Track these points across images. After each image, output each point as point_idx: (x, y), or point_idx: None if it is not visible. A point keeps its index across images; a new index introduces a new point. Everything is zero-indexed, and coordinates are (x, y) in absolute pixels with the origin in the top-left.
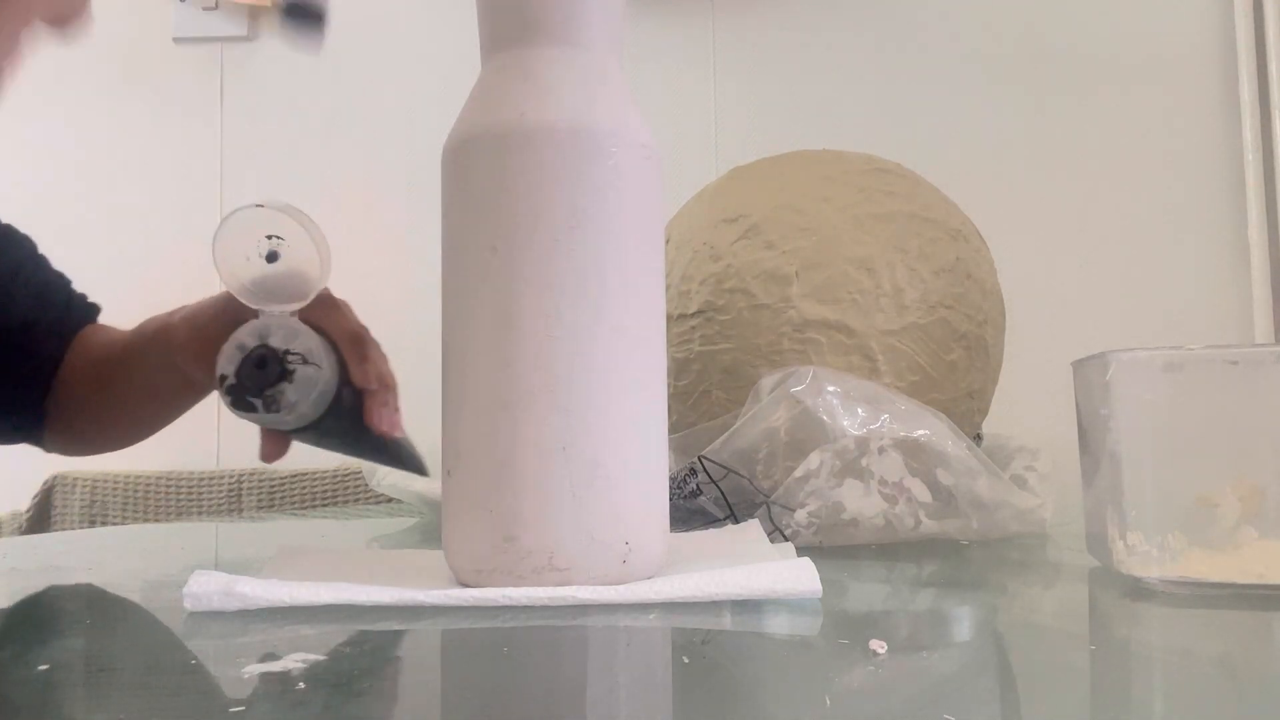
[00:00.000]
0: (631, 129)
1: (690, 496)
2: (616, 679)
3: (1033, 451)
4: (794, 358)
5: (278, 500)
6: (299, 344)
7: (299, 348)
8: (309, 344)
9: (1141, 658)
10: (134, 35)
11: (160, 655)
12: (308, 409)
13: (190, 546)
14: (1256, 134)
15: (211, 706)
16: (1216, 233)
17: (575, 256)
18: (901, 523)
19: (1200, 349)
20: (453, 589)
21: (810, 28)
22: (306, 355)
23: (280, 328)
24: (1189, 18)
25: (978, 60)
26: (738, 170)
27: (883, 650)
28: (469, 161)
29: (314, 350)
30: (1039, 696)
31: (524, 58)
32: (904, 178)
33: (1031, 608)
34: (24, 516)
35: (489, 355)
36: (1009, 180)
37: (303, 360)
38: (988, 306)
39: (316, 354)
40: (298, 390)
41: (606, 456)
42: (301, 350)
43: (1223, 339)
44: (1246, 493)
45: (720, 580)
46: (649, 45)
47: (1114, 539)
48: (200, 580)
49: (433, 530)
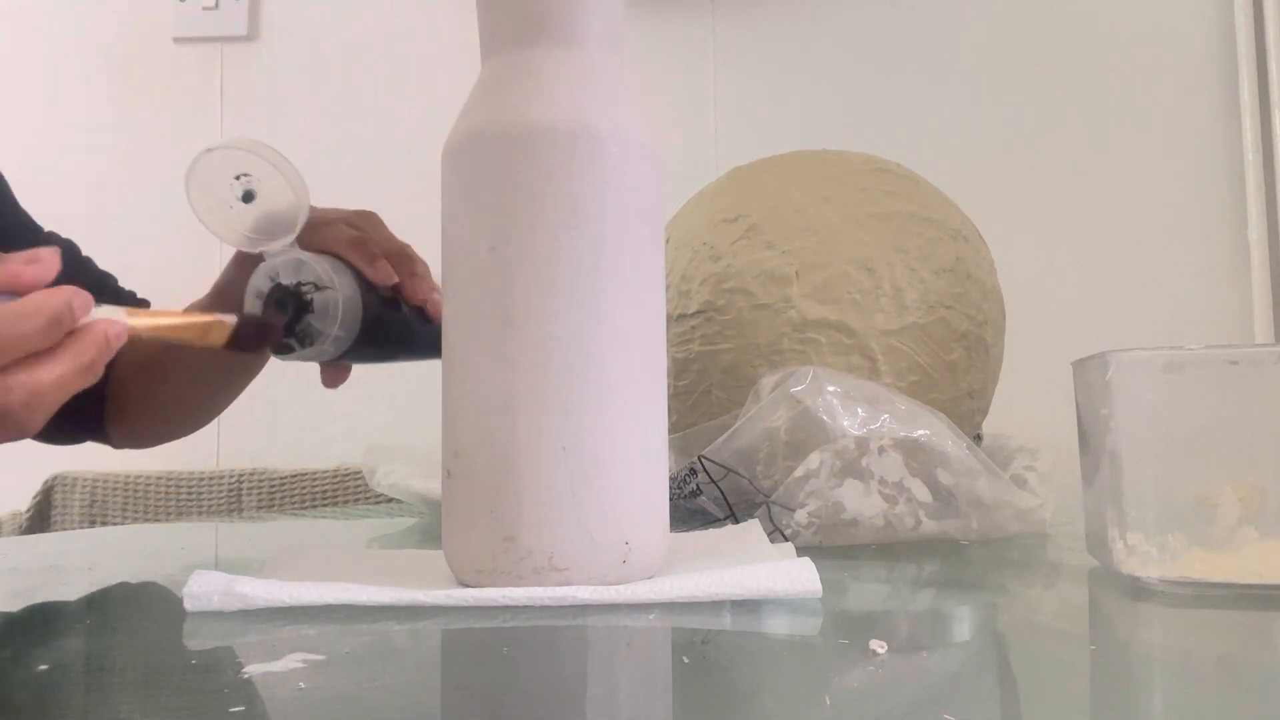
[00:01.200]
0: (631, 129)
1: (690, 496)
2: (616, 679)
3: (1033, 451)
4: (794, 358)
5: (278, 500)
6: (306, 273)
7: (307, 276)
8: (316, 270)
9: (1141, 658)
10: (134, 35)
11: (160, 655)
12: (342, 331)
13: (190, 546)
14: (1256, 134)
15: (211, 706)
16: (1216, 233)
17: (575, 256)
18: (901, 523)
19: (1200, 349)
20: (453, 589)
21: (810, 27)
22: (317, 281)
23: (285, 263)
24: (1189, 18)
25: (978, 60)
26: (738, 170)
27: (883, 650)
28: (469, 161)
29: (322, 275)
30: (1039, 696)
31: (524, 58)
32: (904, 178)
33: (1031, 608)
34: (24, 516)
35: (489, 355)
36: (1009, 180)
37: (315, 287)
38: (988, 306)
39: (326, 276)
40: (321, 318)
41: (606, 456)
42: (311, 279)
43: (1223, 339)
44: (1246, 493)
45: (720, 580)
46: (649, 45)
47: (1114, 539)
48: (200, 580)
49: (433, 530)
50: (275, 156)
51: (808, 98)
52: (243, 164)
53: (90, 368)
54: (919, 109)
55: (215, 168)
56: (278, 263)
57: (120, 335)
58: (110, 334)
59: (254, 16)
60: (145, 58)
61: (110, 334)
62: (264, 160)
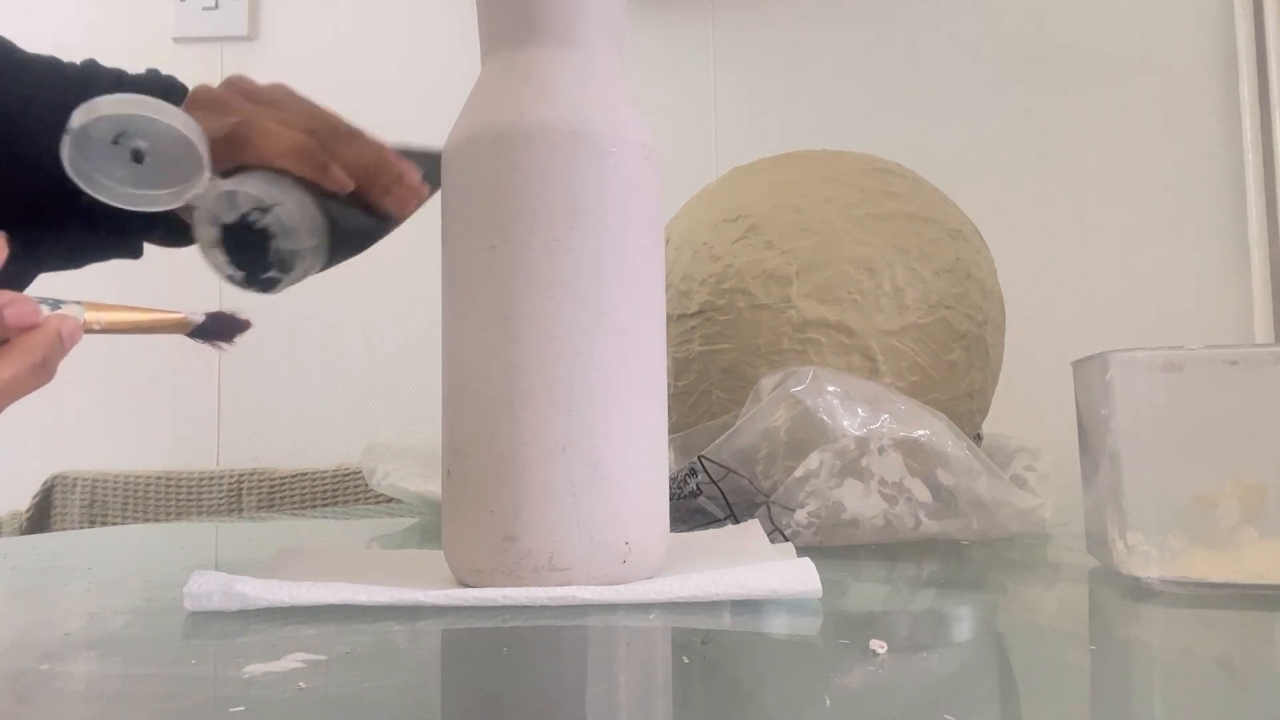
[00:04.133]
0: (631, 129)
1: (690, 496)
2: (616, 679)
3: (1033, 451)
4: (794, 358)
5: (278, 500)
6: (242, 201)
7: (245, 205)
8: (250, 192)
9: (1141, 658)
10: (134, 35)
11: (160, 655)
12: (313, 239)
13: (190, 546)
14: (1256, 134)
15: (211, 706)
16: (1216, 233)
17: (575, 256)
18: (901, 523)
19: (1200, 349)
20: (453, 589)
21: (810, 27)
22: (259, 204)
23: (217, 200)
24: (1189, 18)
25: (978, 60)
26: (738, 170)
27: (883, 650)
28: (469, 161)
29: (262, 196)
30: (1039, 696)
31: (524, 58)
32: (904, 178)
33: (1031, 608)
34: (24, 516)
35: (489, 355)
36: (1009, 180)
37: (260, 211)
38: (988, 306)
39: (267, 195)
40: (285, 236)
41: (606, 456)
42: (253, 205)
43: (1223, 339)
44: (1246, 493)
45: (720, 580)
46: (649, 45)
47: (1114, 539)
48: (200, 580)
49: (433, 530)
50: (129, 102)
51: (808, 98)
52: (110, 128)
53: (43, 366)
54: (919, 109)
55: (89, 147)
56: (210, 205)
57: (75, 333)
58: (65, 332)
59: (254, 16)
60: (145, 58)
61: (65, 332)
62: (125, 111)
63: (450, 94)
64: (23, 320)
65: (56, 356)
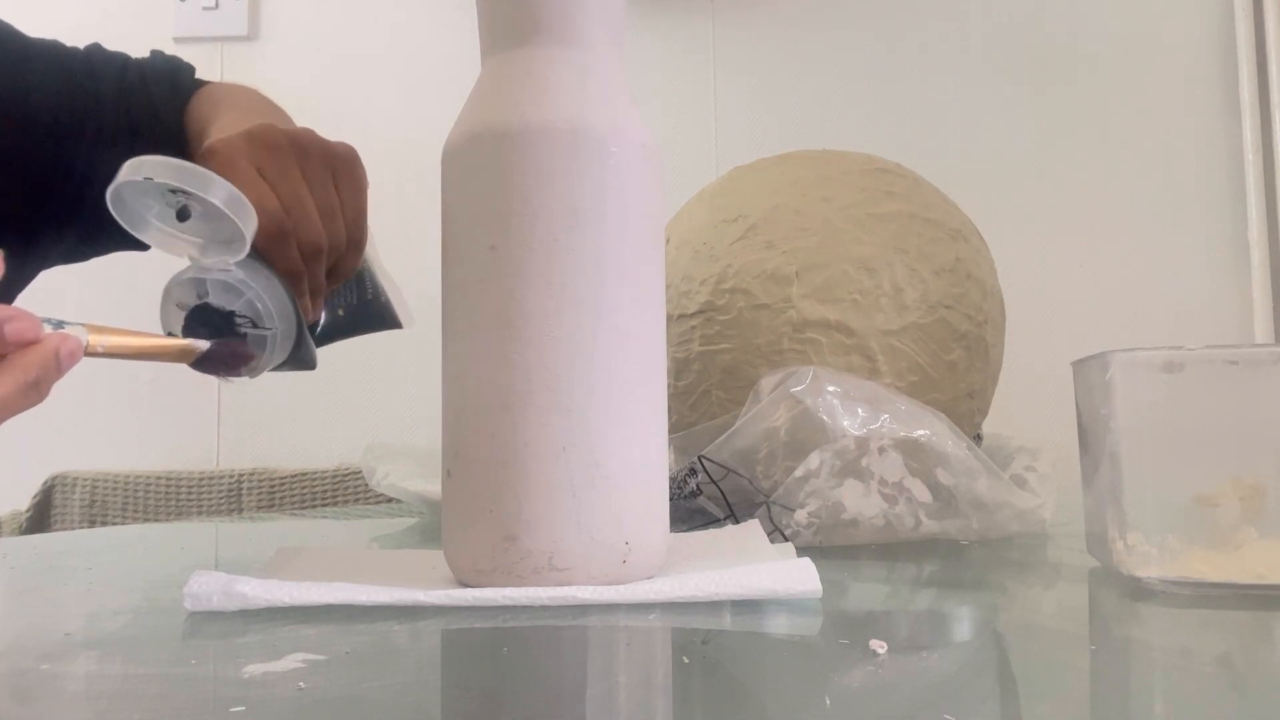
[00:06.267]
0: (631, 129)
1: (690, 496)
2: (616, 679)
3: (1033, 451)
4: (794, 358)
5: (278, 500)
6: (240, 304)
7: (243, 310)
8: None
9: (1141, 658)
10: (134, 35)
11: (160, 655)
12: (279, 353)
13: (190, 546)
14: (1256, 134)
15: (211, 706)
16: (1216, 233)
17: (575, 256)
18: (901, 523)
19: (1200, 349)
20: (453, 589)
21: (810, 27)
22: (254, 319)
23: (216, 284)
24: (1189, 18)
25: (978, 60)
26: (738, 170)
27: (883, 650)
28: (469, 161)
29: (260, 310)
30: (1039, 696)
31: (524, 58)
32: (904, 178)
33: (1031, 608)
34: (24, 516)
35: (489, 355)
36: (1009, 180)
37: (252, 324)
38: (988, 306)
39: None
40: (257, 345)
41: (606, 456)
42: (248, 313)
43: (1223, 339)
44: (1246, 493)
45: (720, 580)
46: (649, 45)
47: (1114, 539)
48: (200, 580)
49: (433, 530)
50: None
51: (807, 98)
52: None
53: (34, 386)
54: (918, 109)
55: (146, 186)
56: (211, 279)
57: (74, 355)
58: (63, 352)
59: (254, 16)
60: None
61: (63, 352)
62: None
63: (450, 94)
64: (22, 336)
65: (51, 377)
